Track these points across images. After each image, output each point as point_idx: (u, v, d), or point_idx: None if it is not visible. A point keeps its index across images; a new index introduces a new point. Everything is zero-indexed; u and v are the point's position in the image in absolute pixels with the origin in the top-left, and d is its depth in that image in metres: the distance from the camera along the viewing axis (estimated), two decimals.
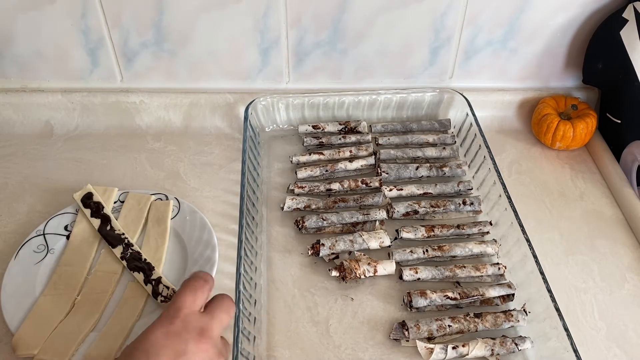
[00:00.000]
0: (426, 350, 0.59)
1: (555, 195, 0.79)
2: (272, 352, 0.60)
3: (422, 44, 0.84)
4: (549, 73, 0.88)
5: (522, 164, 0.84)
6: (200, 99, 0.87)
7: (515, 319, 0.62)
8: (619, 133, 0.82)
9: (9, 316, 0.60)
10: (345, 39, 0.83)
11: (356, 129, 0.85)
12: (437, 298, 0.63)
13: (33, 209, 0.74)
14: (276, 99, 0.84)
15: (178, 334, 0.47)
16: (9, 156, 0.83)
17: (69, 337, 0.58)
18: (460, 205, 0.73)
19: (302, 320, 0.63)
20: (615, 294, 0.67)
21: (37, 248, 0.67)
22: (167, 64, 0.85)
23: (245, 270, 0.61)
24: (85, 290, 0.64)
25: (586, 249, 0.72)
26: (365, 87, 0.88)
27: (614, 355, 0.61)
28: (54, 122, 0.87)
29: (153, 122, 0.87)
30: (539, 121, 0.84)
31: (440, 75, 0.88)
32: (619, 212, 0.77)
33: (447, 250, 0.68)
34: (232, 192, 0.77)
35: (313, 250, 0.68)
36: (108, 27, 0.80)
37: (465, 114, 0.83)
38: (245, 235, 0.64)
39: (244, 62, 0.85)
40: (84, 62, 0.84)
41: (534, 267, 0.62)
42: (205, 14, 0.79)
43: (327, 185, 0.76)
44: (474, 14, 0.80)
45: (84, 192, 0.72)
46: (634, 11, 0.75)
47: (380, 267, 0.66)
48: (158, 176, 0.80)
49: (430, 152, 0.81)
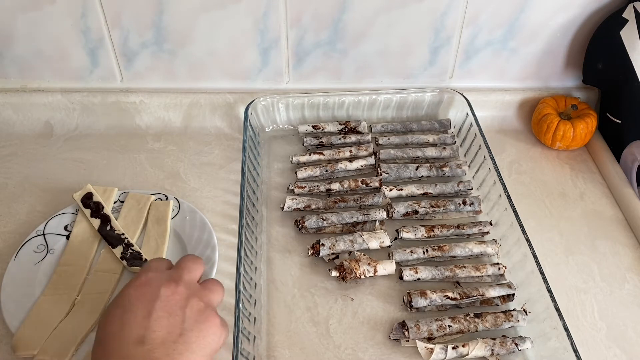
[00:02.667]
0: (426, 351, 0.59)
1: (555, 195, 0.79)
2: (272, 352, 0.60)
3: (422, 44, 0.84)
4: (549, 73, 0.88)
5: (522, 164, 0.84)
6: (200, 99, 0.87)
7: (515, 319, 0.62)
8: (619, 133, 0.82)
9: (9, 316, 0.60)
10: (345, 39, 0.83)
11: (356, 129, 0.85)
12: (437, 298, 0.63)
13: (33, 209, 0.74)
14: (276, 99, 0.84)
15: (147, 284, 0.48)
16: (9, 156, 0.83)
17: (69, 337, 0.58)
18: (460, 205, 0.73)
19: (302, 320, 0.63)
20: (615, 294, 0.67)
21: (37, 248, 0.67)
22: (167, 64, 0.85)
23: (245, 270, 0.61)
24: (85, 290, 0.64)
25: (586, 249, 0.72)
26: (365, 87, 0.88)
27: (614, 355, 0.61)
28: (54, 122, 0.87)
29: (153, 122, 0.87)
30: (539, 121, 0.84)
31: (440, 75, 0.88)
32: (619, 212, 0.77)
33: (447, 251, 0.68)
34: (232, 192, 0.77)
35: (313, 250, 0.68)
36: (108, 27, 0.80)
37: (465, 114, 0.83)
38: (245, 235, 0.64)
39: (244, 62, 0.85)
40: (84, 62, 0.84)
41: (534, 267, 0.62)
42: (205, 14, 0.79)
43: (327, 185, 0.76)
44: (474, 14, 0.80)
45: (84, 192, 0.72)
46: (634, 11, 0.75)
47: (380, 267, 0.66)
48: (158, 176, 0.80)
49: (430, 152, 0.81)
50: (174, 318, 0.46)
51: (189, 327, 0.47)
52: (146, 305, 0.46)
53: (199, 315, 0.48)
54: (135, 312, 0.46)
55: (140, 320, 0.46)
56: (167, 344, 0.45)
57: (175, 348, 0.45)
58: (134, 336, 0.45)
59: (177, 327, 0.46)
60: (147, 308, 0.46)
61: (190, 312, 0.48)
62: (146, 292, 0.48)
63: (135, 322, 0.45)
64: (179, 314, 0.47)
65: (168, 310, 0.47)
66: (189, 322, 0.47)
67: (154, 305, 0.46)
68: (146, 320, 0.46)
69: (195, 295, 0.49)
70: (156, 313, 0.46)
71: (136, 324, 0.45)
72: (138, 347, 0.44)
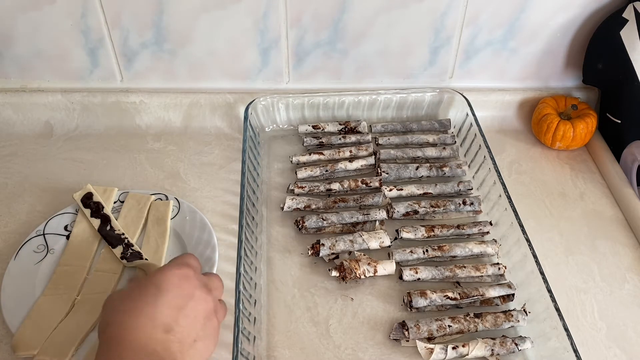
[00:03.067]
0: (426, 351, 0.59)
1: (555, 195, 0.79)
2: (272, 352, 0.60)
3: (422, 44, 0.84)
4: (549, 73, 0.88)
5: (522, 164, 0.84)
6: (200, 99, 0.87)
7: (515, 319, 0.62)
8: (619, 133, 0.82)
9: (9, 316, 0.60)
10: (345, 39, 0.83)
11: (356, 129, 0.85)
12: (437, 298, 0.63)
13: (33, 209, 0.74)
14: (276, 99, 0.84)
15: (189, 279, 0.49)
16: (9, 156, 0.83)
17: (69, 337, 0.58)
18: (460, 205, 0.73)
19: (302, 320, 0.63)
20: (615, 294, 0.67)
21: (37, 248, 0.67)
22: (167, 64, 0.85)
23: (245, 270, 0.61)
24: (85, 290, 0.64)
25: (586, 249, 0.72)
26: (365, 87, 0.88)
27: (614, 355, 0.61)
28: (54, 122, 0.87)
29: (153, 122, 0.87)
30: (539, 121, 0.84)
31: (440, 75, 0.88)
32: (619, 212, 0.77)
33: (447, 250, 0.68)
34: (232, 192, 0.77)
35: (313, 250, 0.68)
36: (108, 27, 0.80)
37: (465, 114, 0.83)
38: (245, 235, 0.64)
39: (244, 62, 0.85)
40: (84, 62, 0.84)
41: (534, 267, 0.62)
42: (205, 14, 0.79)
43: (327, 185, 0.76)
44: (474, 14, 0.80)
45: (84, 192, 0.72)
46: (634, 11, 0.75)
47: (380, 267, 0.66)
48: (158, 176, 0.80)
49: (430, 152, 0.81)
50: (196, 323, 0.48)
51: (202, 336, 0.49)
52: (181, 300, 0.48)
53: (213, 331, 0.50)
54: (171, 299, 0.47)
55: (172, 309, 0.47)
56: (184, 343, 0.47)
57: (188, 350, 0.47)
58: (163, 321, 0.46)
59: (195, 332, 0.48)
60: (181, 302, 0.48)
61: (208, 324, 0.50)
62: (185, 286, 0.49)
63: (169, 309, 0.47)
64: (201, 321, 0.49)
65: (195, 313, 0.48)
66: (204, 332, 0.49)
67: (187, 303, 0.48)
68: (177, 313, 0.47)
69: (216, 313, 0.51)
70: (187, 311, 0.48)
71: (168, 311, 0.47)
72: (163, 333, 0.46)
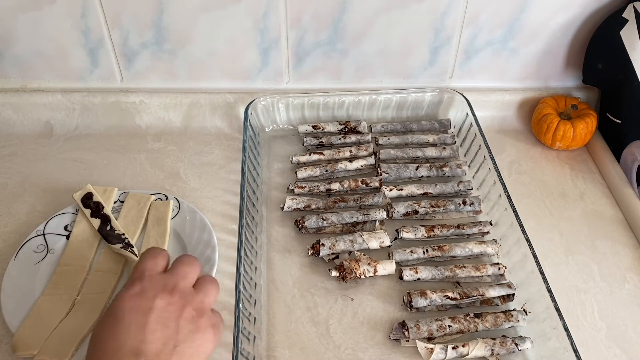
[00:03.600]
0: (426, 351, 0.59)
1: (555, 195, 0.79)
2: (272, 352, 0.60)
3: (422, 44, 0.84)
4: (549, 73, 0.88)
5: (522, 164, 0.84)
6: (200, 99, 0.87)
7: (515, 319, 0.62)
8: (619, 133, 0.82)
9: (9, 316, 0.60)
10: (345, 39, 0.83)
11: (356, 129, 0.85)
12: (437, 298, 0.63)
13: (33, 209, 0.74)
14: (276, 99, 0.84)
15: (142, 294, 0.47)
16: (9, 156, 0.83)
17: (69, 337, 0.58)
18: (460, 205, 0.73)
19: (302, 320, 0.63)
20: (615, 294, 0.67)
21: (37, 248, 0.67)
22: (167, 64, 0.85)
23: (245, 270, 0.61)
24: (85, 290, 0.64)
25: (586, 249, 0.72)
26: (365, 87, 0.88)
27: (614, 355, 0.61)
28: (54, 122, 0.87)
29: (153, 122, 0.87)
30: (539, 121, 0.84)
31: (440, 75, 0.88)
32: (619, 212, 0.77)
33: (447, 250, 0.68)
34: (232, 192, 0.77)
35: (313, 250, 0.68)
36: (108, 27, 0.80)
37: (465, 114, 0.83)
38: (245, 235, 0.64)
39: (244, 62, 0.85)
40: (84, 62, 0.84)
41: (534, 267, 0.62)
42: (205, 14, 0.79)
43: (327, 185, 0.76)
44: (474, 14, 0.80)
45: (84, 192, 0.72)
46: (634, 11, 0.75)
47: (380, 267, 0.66)
48: (158, 176, 0.80)
49: (430, 152, 0.81)
50: (169, 330, 0.46)
51: (183, 338, 0.46)
52: (141, 317, 0.46)
53: (193, 324, 0.48)
54: (129, 324, 0.45)
55: (135, 332, 0.45)
56: (162, 356, 0.45)
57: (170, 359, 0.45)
58: (129, 348, 0.44)
59: (172, 338, 0.46)
60: (141, 320, 0.46)
61: (185, 322, 0.47)
62: (140, 303, 0.47)
63: (130, 334, 0.45)
64: (174, 325, 0.46)
65: (163, 322, 0.46)
66: (183, 332, 0.47)
67: (148, 318, 0.46)
68: (141, 333, 0.45)
69: (190, 303, 0.49)
70: (151, 325, 0.45)
71: (131, 336, 0.45)
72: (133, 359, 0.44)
